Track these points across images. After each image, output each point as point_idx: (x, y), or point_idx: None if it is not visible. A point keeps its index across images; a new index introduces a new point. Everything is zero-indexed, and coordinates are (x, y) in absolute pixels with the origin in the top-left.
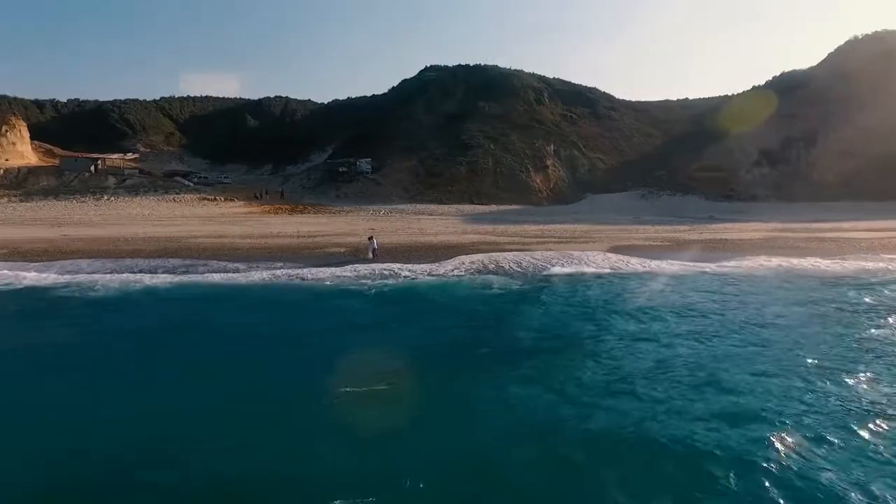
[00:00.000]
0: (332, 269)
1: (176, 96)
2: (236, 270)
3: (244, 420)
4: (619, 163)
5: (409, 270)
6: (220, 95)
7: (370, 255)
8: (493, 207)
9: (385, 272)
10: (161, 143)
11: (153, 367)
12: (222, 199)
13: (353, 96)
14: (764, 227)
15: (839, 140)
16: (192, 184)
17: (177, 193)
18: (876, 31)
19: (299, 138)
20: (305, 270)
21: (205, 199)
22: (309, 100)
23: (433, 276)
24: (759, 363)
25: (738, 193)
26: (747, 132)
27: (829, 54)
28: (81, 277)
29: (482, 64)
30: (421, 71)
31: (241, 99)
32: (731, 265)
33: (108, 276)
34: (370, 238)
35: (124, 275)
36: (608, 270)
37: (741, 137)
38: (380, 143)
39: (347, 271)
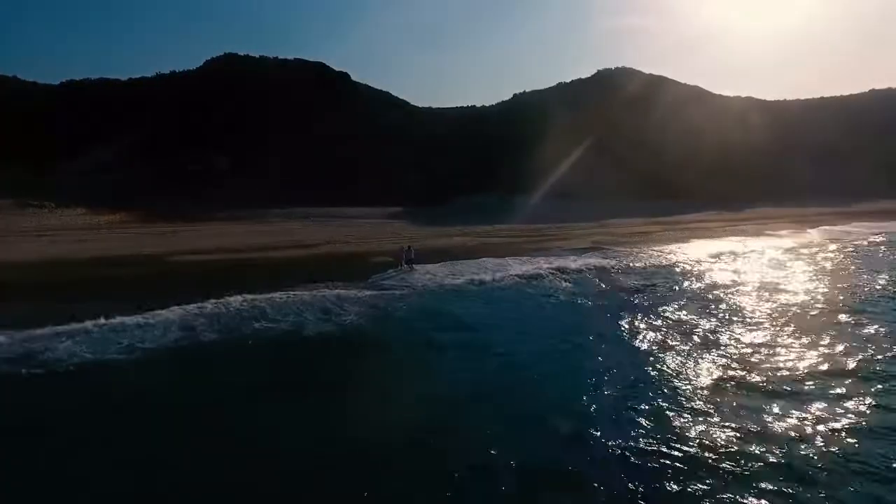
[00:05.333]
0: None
1: None
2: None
3: None
4: (455, 166)
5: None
6: None
7: (404, 265)
8: (384, 209)
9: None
10: None
11: None
12: (53, 205)
13: (97, 78)
14: (640, 223)
15: (615, 152)
16: None
17: None
18: (619, 67)
19: (60, 129)
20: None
21: (27, 203)
22: (15, 76)
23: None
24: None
25: (572, 194)
26: (541, 139)
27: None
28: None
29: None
30: (222, 57)
31: None
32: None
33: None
34: (408, 247)
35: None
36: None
37: (540, 144)
38: (214, 137)
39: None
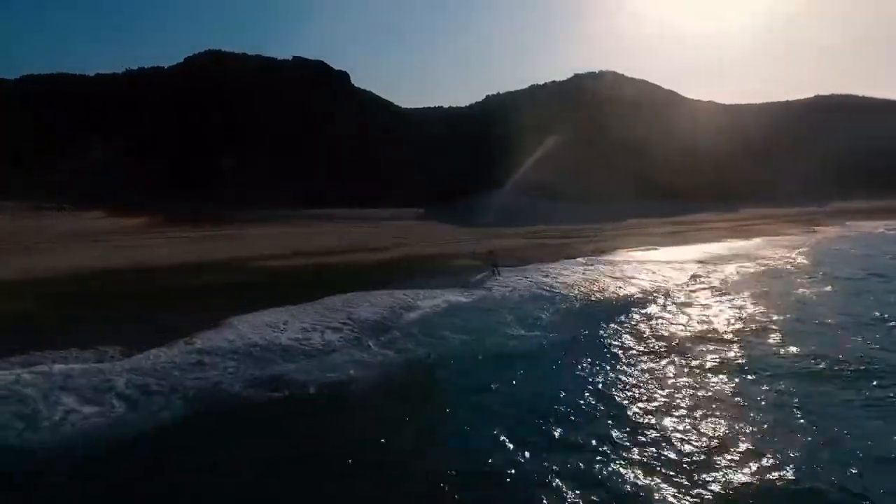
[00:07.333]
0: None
1: None
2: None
3: None
4: (456, 166)
5: None
6: None
7: (493, 270)
8: (408, 210)
9: None
10: None
11: None
12: (70, 207)
13: (66, 73)
14: (657, 223)
15: (608, 153)
16: None
17: None
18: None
19: (42, 128)
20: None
21: (41, 206)
22: None
23: None
24: None
25: (566, 195)
26: (529, 138)
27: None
28: None
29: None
30: (204, 53)
31: None
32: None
33: None
34: (491, 252)
35: None
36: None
37: (539, 146)
38: (213, 136)
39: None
